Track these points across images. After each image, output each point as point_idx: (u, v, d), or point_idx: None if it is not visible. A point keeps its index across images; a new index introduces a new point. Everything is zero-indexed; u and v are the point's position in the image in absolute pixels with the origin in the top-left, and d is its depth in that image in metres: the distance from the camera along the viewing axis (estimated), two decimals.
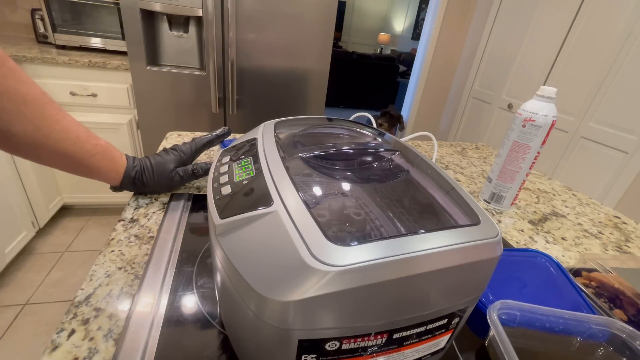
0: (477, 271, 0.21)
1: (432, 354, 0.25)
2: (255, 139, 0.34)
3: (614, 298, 0.41)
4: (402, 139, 0.87)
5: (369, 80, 4.18)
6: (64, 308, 1.21)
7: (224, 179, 0.28)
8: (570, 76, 1.62)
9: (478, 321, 0.36)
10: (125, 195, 1.63)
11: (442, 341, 0.24)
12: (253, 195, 0.24)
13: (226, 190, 0.26)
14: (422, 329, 0.22)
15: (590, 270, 0.46)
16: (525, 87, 1.88)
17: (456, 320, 0.23)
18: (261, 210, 0.22)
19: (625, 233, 0.61)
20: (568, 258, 0.51)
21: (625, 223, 0.64)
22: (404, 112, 2.81)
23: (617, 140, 1.43)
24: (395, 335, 0.21)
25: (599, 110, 1.50)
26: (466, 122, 2.38)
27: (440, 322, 0.22)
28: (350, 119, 0.81)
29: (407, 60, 4.21)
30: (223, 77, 1.40)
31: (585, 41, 1.55)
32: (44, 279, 1.32)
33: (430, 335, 0.23)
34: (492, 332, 0.32)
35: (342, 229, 0.27)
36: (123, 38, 1.52)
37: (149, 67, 1.33)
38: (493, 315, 0.31)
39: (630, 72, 1.37)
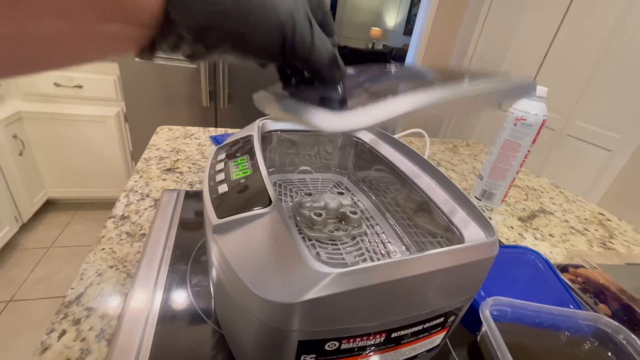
0: (474, 271, 0.22)
1: (428, 351, 0.25)
2: (250, 136, 0.33)
3: (598, 293, 0.43)
4: (394, 136, 0.88)
5: None
6: (51, 305, 1.18)
7: (220, 177, 0.27)
8: (558, 75, 1.65)
9: (470, 317, 0.36)
10: (113, 189, 1.60)
11: (437, 339, 0.25)
12: (251, 195, 0.24)
13: (223, 188, 0.25)
14: (419, 327, 0.22)
15: (576, 267, 0.47)
16: None
17: (452, 318, 0.24)
18: (259, 210, 0.22)
19: (609, 230, 0.62)
20: (555, 254, 0.52)
21: (609, 220, 0.66)
22: None
23: (602, 139, 1.47)
24: (394, 335, 0.21)
25: (585, 109, 1.53)
26: (456, 119, 2.41)
27: (437, 321, 0.22)
28: None
29: (399, 55, 4.21)
30: (214, 70, 1.38)
31: (573, 41, 1.57)
32: (28, 275, 1.29)
33: (427, 334, 0.23)
34: (484, 328, 0.33)
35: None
36: None
37: (136, 58, 1.29)
38: (486, 312, 0.32)
39: (615, 72, 1.41)
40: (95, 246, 0.38)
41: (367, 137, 0.42)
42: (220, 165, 0.29)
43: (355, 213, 0.34)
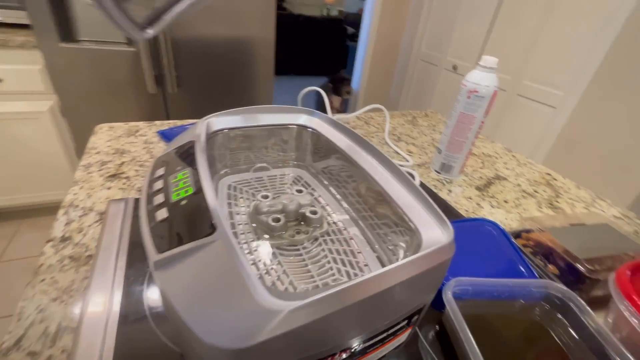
0: (435, 273, 0.22)
1: (395, 348, 0.26)
2: (192, 143, 0.30)
3: (547, 255, 0.46)
4: (354, 113, 0.86)
5: (318, 44, 4.04)
6: (8, 325, 1.10)
7: (159, 199, 0.24)
8: (508, 36, 1.69)
9: (435, 298, 0.38)
10: (62, 192, 1.46)
11: (403, 337, 0.25)
12: (193, 220, 0.22)
13: (162, 214, 0.23)
14: (384, 335, 0.22)
15: (528, 231, 0.50)
16: (468, 47, 1.94)
17: (416, 317, 0.24)
18: (202, 240, 0.20)
19: (555, 189, 0.67)
20: (510, 220, 0.55)
21: (555, 179, 0.71)
22: (355, 77, 2.79)
23: (547, 96, 1.55)
24: (358, 349, 0.21)
25: (531, 68, 1.60)
26: (415, 85, 2.43)
27: (402, 324, 0.23)
28: (300, 96, 0.77)
29: (354, 21, 4.10)
30: (157, 52, 1.25)
31: (518, 1, 1.60)
32: None
33: (392, 337, 0.23)
34: (447, 308, 0.35)
35: None
36: (24, 8, 1.27)
37: (62, 44, 1.14)
38: (448, 294, 0.33)
39: (556, 30, 1.47)
40: (33, 278, 0.34)
41: (322, 128, 0.40)
42: (159, 184, 0.26)
43: (315, 213, 0.33)
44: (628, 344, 0.31)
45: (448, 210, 0.56)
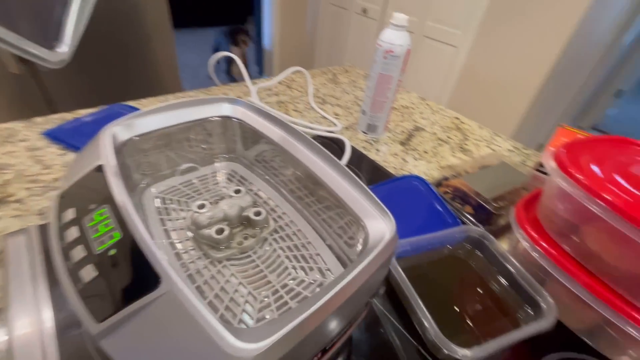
0: (385, 264, 0.24)
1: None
2: (101, 167, 0.26)
3: (463, 197, 0.54)
4: (275, 79, 0.82)
5: None
6: None
7: (79, 253, 0.21)
8: None
9: None
10: None
11: (361, 317, 0.28)
12: (131, 273, 0.19)
13: (89, 273, 0.20)
14: (347, 326, 0.24)
15: (447, 179, 0.57)
16: None
17: (371, 300, 0.26)
18: (148, 297, 0.18)
19: (463, 132, 0.76)
20: (431, 170, 0.62)
21: (463, 122, 0.80)
22: (266, 28, 2.60)
23: (448, 36, 1.67)
24: (328, 347, 0.23)
25: (434, 9, 1.68)
26: (329, 33, 2.37)
27: (363, 313, 0.25)
28: (210, 65, 0.70)
29: None
30: None
31: None
32: None
33: (353, 322, 0.25)
34: (391, 269, 0.39)
35: None
36: None
37: None
38: (392, 259, 0.37)
39: None
40: None
41: (246, 117, 0.38)
42: (73, 232, 0.22)
43: (259, 214, 0.32)
44: (523, 262, 0.40)
45: (378, 170, 0.60)
